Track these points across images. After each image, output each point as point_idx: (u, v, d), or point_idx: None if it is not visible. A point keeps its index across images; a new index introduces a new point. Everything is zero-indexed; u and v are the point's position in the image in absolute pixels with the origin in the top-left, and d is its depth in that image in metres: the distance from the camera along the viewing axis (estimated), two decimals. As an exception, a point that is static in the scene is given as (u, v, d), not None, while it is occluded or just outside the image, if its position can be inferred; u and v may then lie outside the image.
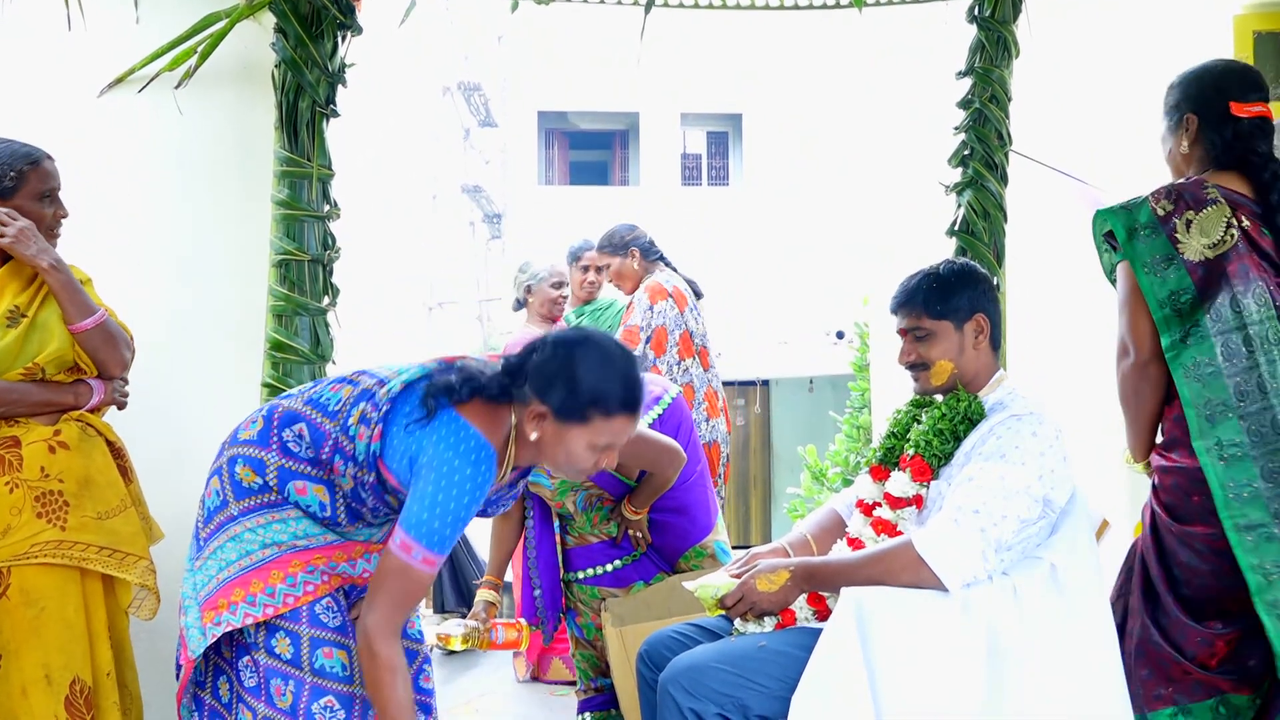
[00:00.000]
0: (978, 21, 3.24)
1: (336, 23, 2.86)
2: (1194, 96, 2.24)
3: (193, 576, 1.98)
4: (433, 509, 1.80)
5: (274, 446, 1.97)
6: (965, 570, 1.93)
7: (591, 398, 1.85)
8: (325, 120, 2.88)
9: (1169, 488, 2.18)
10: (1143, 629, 2.20)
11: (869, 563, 2.00)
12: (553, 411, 1.87)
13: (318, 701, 1.90)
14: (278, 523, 1.96)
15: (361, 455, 1.91)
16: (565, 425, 1.87)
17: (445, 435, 1.84)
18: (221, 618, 1.91)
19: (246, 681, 1.94)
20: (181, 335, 2.96)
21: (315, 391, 2.01)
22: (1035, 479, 1.97)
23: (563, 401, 1.86)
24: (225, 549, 1.95)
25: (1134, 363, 2.18)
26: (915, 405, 2.26)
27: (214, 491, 2.01)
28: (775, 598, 2.03)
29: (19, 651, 2.23)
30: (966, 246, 3.23)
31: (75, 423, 2.38)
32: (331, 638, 1.94)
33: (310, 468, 1.96)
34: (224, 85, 3.07)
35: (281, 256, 2.83)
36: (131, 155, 3.07)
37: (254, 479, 1.97)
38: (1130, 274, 2.17)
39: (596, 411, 1.86)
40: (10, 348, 2.28)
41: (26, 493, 2.27)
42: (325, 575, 1.98)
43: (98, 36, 2.95)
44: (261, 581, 1.92)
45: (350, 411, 1.93)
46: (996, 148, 3.22)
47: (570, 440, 1.88)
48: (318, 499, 1.97)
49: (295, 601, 1.93)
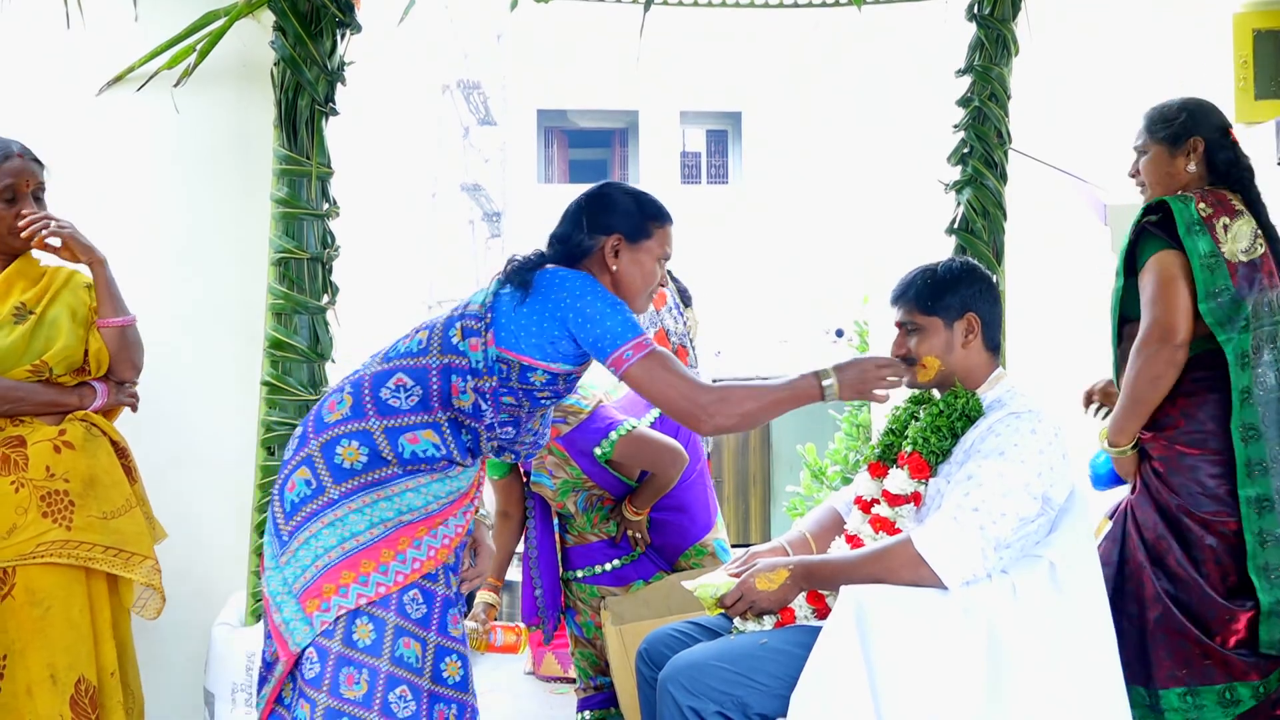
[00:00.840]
0: (977, 20, 3.24)
1: (335, 21, 2.86)
2: (1201, 123, 2.49)
3: (281, 572, 1.97)
4: (614, 316, 1.96)
5: (371, 412, 2.00)
6: (965, 568, 1.94)
7: (648, 213, 2.12)
8: (324, 118, 2.88)
9: (1184, 468, 2.36)
10: (1165, 612, 2.34)
11: (868, 561, 2.00)
12: (625, 237, 2.09)
13: (394, 690, 1.92)
14: (384, 500, 1.98)
15: (480, 362, 1.99)
16: (637, 245, 2.10)
17: (559, 281, 2.00)
18: (331, 602, 1.92)
19: (307, 673, 1.93)
20: (181, 333, 2.96)
21: (387, 351, 2.08)
22: (1034, 476, 1.98)
23: (631, 225, 2.10)
24: (321, 536, 1.95)
25: (1171, 345, 2.32)
26: (914, 402, 2.26)
27: (301, 482, 1.99)
28: (774, 596, 2.03)
29: (24, 651, 2.23)
30: (966, 245, 3.23)
31: (80, 422, 2.38)
32: (412, 629, 1.96)
33: (414, 415, 2.00)
34: (223, 83, 3.07)
35: (281, 255, 2.83)
36: (130, 153, 3.07)
37: (358, 456, 1.98)
38: (1177, 262, 2.35)
39: (655, 224, 2.12)
40: (16, 344, 2.28)
41: (32, 492, 2.27)
42: (431, 549, 2.00)
43: (97, 35, 2.94)
44: (373, 561, 1.94)
45: (448, 335, 2.03)
46: (996, 146, 3.22)
47: (643, 257, 2.11)
48: (429, 442, 2.01)
49: (405, 579, 1.96)
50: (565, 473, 2.78)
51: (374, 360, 2.08)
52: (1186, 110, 2.51)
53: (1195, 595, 2.35)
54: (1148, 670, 2.36)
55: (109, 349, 2.40)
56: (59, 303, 2.36)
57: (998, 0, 3.19)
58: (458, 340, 2.01)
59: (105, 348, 2.40)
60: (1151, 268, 2.38)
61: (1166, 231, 2.38)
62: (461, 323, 2.02)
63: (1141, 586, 2.39)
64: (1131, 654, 2.35)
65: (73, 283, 2.42)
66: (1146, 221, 2.40)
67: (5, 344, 2.27)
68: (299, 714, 1.93)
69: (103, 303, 2.39)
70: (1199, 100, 2.55)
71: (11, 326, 2.29)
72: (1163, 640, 2.35)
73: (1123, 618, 2.37)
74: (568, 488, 2.81)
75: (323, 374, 2.87)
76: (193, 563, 2.84)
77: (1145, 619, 2.37)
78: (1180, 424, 2.39)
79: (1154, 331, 2.33)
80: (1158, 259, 2.37)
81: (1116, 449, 2.45)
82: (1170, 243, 2.37)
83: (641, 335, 1.97)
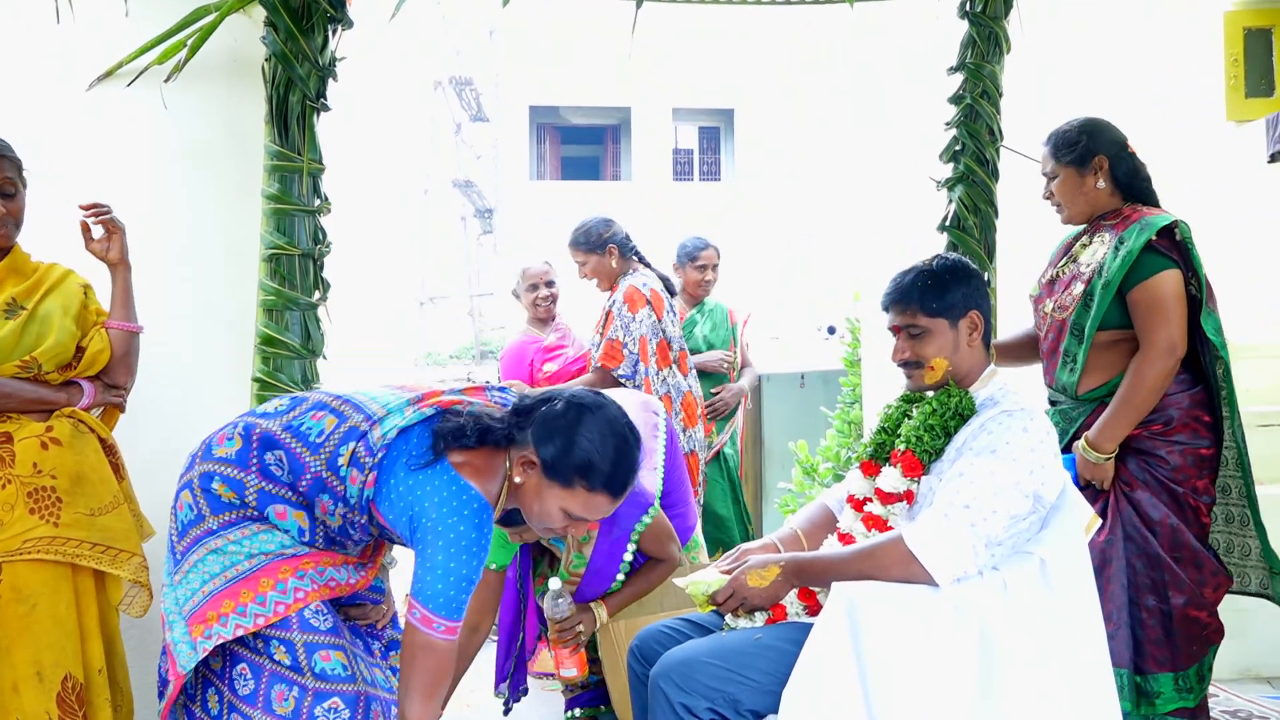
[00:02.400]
0: (969, 17, 3.25)
1: (327, 16, 2.85)
2: (1101, 141, 2.62)
3: (174, 591, 1.94)
4: (446, 578, 1.80)
5: (253, 469, 1.94)
6: (956, 565, 1.94)
7: (581, 465, 1.87)
8: (316, 114, 2.87)
9: (1201, 460, 2.51)
10: (1190, 595, 2.47)
11: (859, 558, 2.00)
12: (541, 464, 1.89)
13: (321, 705, 1.89)
14: (264, 533, 1.94)
15: (354, 499, 1.90)
16: (549, 482, 1.90)
17: (446, 497, 1.83)
18: (212, 630, 1.88)
19: (241, 690, 1.91)
20: (172, 329, 2.95)
21: (294, 418, 1.97)
22: (1026, 474, 1.98)
23: (554, 458, 1.88)
24: (207, 562, 1.92)
25: (1176, 359, 2.46)
26: (906, 400, 2.26)
27: (186, 505, 1.96)
28: (766, 593, 2.04)
29: (11, 648, 2.23)
30: (957, 241, 3.24)
31: (68, 419, 2.37)
32: (326, 640, 1.93)
33: (290, 493, 1.95)
34: (214, 79, 3.06)
35: (272, 251, 2.82)
36: (121, 149, 3.06)
37: (232, 497, 1.94)
38: (1180, 282, 2.48)
39: (581, 480, 1.88)
40: (7, 339, 2.28)
41: (19, 488, 2.26)
42: (314, 583, 1.95)
43: (87, 30, 2.93)
44: (251, 591, 1.89)
45: (339, 451, 1.90)
46: (988, 143, 3.23)
47: (548, 498, 1.91)
48: (297, 524, 1.96)
49: (286, 610, 1.90)
50: (575, 543, 2.65)
51: (280, 415, 1.98)
52: (1085, 131, 2.64)
53: (1206, 566, 2.48)
54: (1174, 655, 2.48)
55: (113, 351, 2.42)
56: (52, 299, 2.35)
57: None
58: (343, 464, 1.90)
59: (108, 349, 2.41)
60: (1160, 285, 2.47)
61: (1174, 251, 2.49)
62: (352, 447, 1.90)
63: (1161, 575, 2.48)
64: (1156, 643, 2.47)
65: (67, 281, 2.43)
66: (1155, 242, 2.49)
67: None
68: None
69: (118, 306, 2.45)
70: (1094, 119, 2.67)
71: (3, 321, 2.29)
72: (1185, 620, 2.48)
73: (1142, 611, 2.49)
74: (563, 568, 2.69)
75: (314, 370, 2.86)
76: (183, 560, 2.82)
77: (1169, 606, 2.47)
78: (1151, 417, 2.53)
79: (1165, 345, 2.45)
80: (1167, 279, 2.47)
81: (1101, 454, 2.48)
82: (1176, 262, 2.49)
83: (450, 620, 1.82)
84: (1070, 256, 2.66)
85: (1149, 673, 2.48)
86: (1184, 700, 2.48)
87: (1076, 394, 2.59)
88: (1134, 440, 2.52)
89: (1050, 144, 2.70)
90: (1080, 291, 2.56)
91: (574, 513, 1.91)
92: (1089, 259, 2.58)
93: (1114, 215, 2.61)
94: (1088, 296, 2.54)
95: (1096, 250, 2.57)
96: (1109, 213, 2.63)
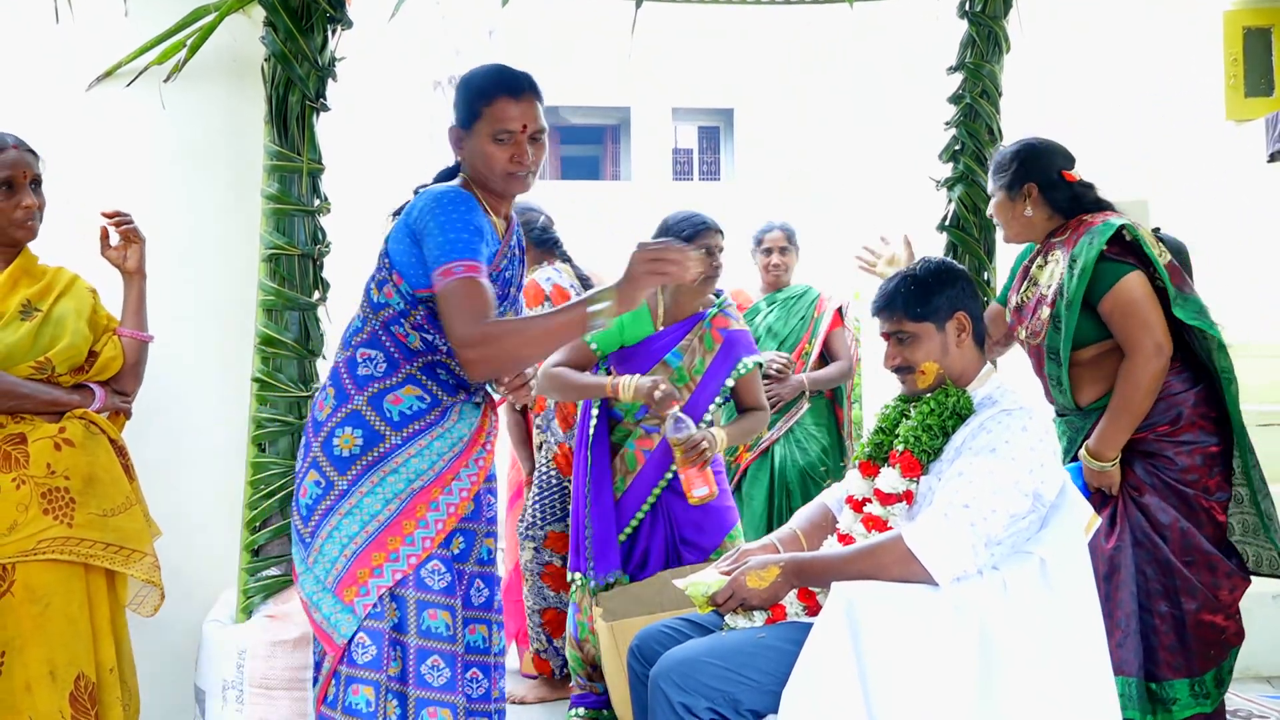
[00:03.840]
0: (969, 17, 3.25)
1: (327, 16, 2.85)
2: (1033, 169, 2.60)
3: (311, 572, 2.02)
4: (444, 234, 1.93)
5: (353, 390, 2.05)
6: (955, 564, 1.94)
7: (471, 93, 2.04)
8: (315, 114, 2.87)
9: (1211, 459, 2.47)
10: (1204, 598, 2.44)
11: (859, 557, 2.00)
12: (458, 126, 2.06)
13: (425, 662, 1.97)
14: (390, 475, 2.02)
15: (401, 303, 2.03)
16: (469, 132, 2.05)
17: (418, 202, 2.01)
18: (369, 585, 1.97)
19: (359, 659, 1.97)
20: (172, 329, 2.94)
21: (345, 336, 2.14)
22: (1025, 473, 1.98)
23: (461, 113, 2.06)
24: (342, 527, 2.00)
25: (1164, 358, 2.42)
26: (904, 400, 2.25)
27: (311, 485, 2.05)
28: (765, 594, 2.04)
29: (24, 648, 2.24)
30: (957, 241, 3.24)
31: (79, 420, 2.39)
32: (437, 599, 2.01)
33: (388, 378, 2.05)
34: (213, 79, 3.06)
35: (271, 251, 2.82)
36: (121, 149, 3.06)
37: (355, 440, 2.02)
38: (1145, 282, 2.45)
39: (481, 103, 2.03)
40: (23, 340, 2.30)
41: (33, 489, 2.28)
42: (449, 506, 2.03)
43: (87, 30, 2.93)
44: (398, 536, 1.99)
45: (369, 297, 2.09)
46: (987, 143, 3.23)
47: (476, 142, 2.04)
48: (412, 397, 2.06)
49: (431, 544, 2.00)
50: (693, 361, 2.90)
51: (340, 351, 2.14)
52: (1018, 158, 2.63)
53: (1220, 568, 2.44)
54: (1189, 661, 2.44)
55: (125, 359, 2.47)
56: (65, 301, 2.39)
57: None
58: (377, 296, 2.07)
59: (121, 357, 2.46)
60: (1126, 291, 2.45)
61: (1129, 254, 2.47)
62: (376, 277, 2.08)
63: (1172, 580, 2.45)
64: (1169, 649, 2.44)
65: (76, 285, 2.46)
66: (1108, 251, 2.46)
67: (12, 339, 2.29)
68: (353, 701, 1.96)
69: (131, 314, 2.50)
70: (1034, 145, 2.64)
71: (19, 323, 2.31)
72: (1199, 625, 2.44)
73: (1154, 617, 2.45)
74: (677, 378, 2.89)
75: (313, 370, 2.86)
76: (184, 560, 2.83)
77: (1182, 611, 2.44)
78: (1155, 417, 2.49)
79: (1149, 348, 2.41)
80: (1131, 282, 2.45)
81: (1104, 462, 2.47)
82: (1134, 265, 2.46)
83: (458, 260, 1.91)
84: (1030, 280, 2.64)
85: (1164, 679, 2.45)
86: (1200, 706, 2.44)
87: (1079, 407, 2.57)
88: (1140, 443, 2.49)
89: (990, 165, 2.73)
90: (1047, 315, 2.53)
91: (497, 133, 2.01)
92: (1048, 280, 2.56)
93: (1062, 231, 2.58)
94: (1055, 319, 2.52)
95: (1054, 271, 2.55)
96: (1057, 229, 2.61)
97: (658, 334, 2.94)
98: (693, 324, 2.95)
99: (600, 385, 2.85)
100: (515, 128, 2.02)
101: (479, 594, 2.17)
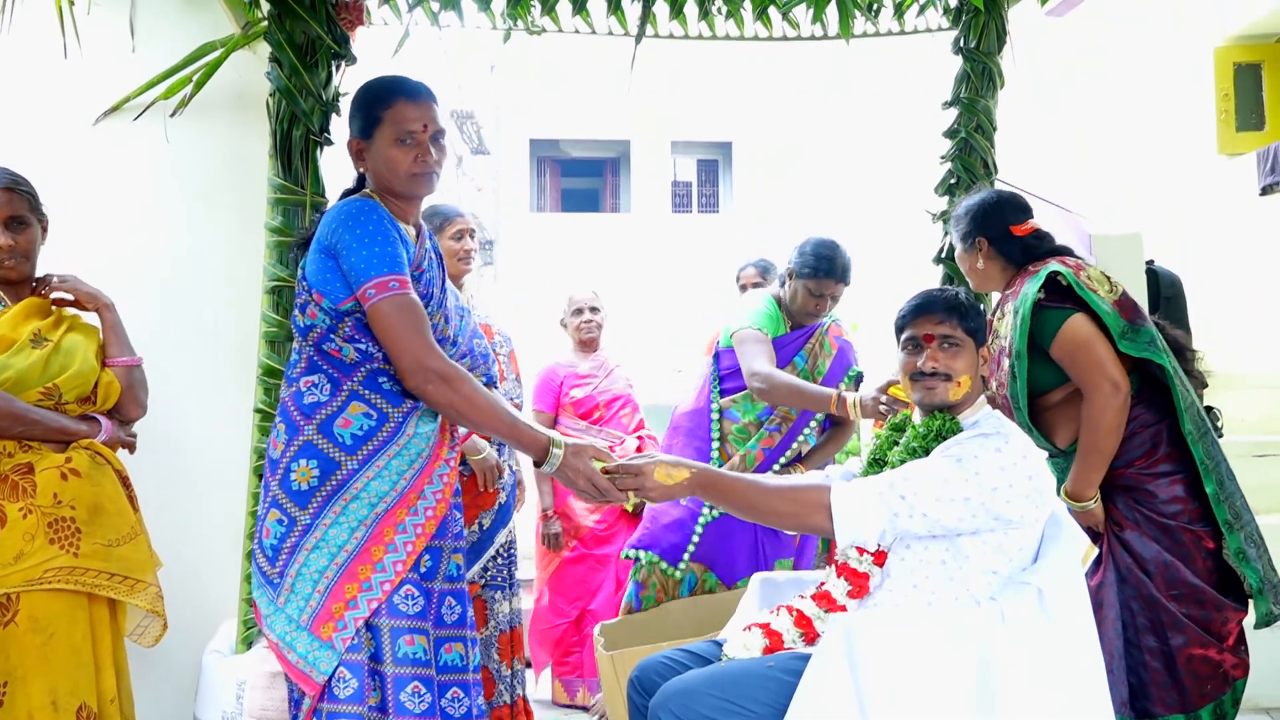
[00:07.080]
0: (963, 53, 3.30)
1: (331, 53, 2.90)
2: (984, 224, 2.61)
3: (283, 612, 1.96)
4: (363, 247, 1.95)
5: (301, 421, 2.01)
6: (858, 536, 1.98)
7: (371, 102, 2.07)
8: (319, 148, 2.91)
9: (1186, 491, 2.44)
10: (1189, 633, 2.41)
11: (780, 494, 2.03)
12: (358, 138, 2.09)
13: (404, 689, 1.93)
14: (352, 501, 1.98)
15: (323, 320, 2.01)
16: (369, 141, 2.08)
17: (327, 218, 2.03)
18: (345, 618, 1.93)
19: (341, 694, 1.92)
20: (175, 360, 2.97)
21: (286, 374, 2.13)
22: (987, 490, 1.97)
23: (360, 124, 2.09)
24: (310, 562, 1.96)
25: (1123, 395, 2.40)
26: (894, 429, 2.26)
27: (274, 524, 2.00)
28: (666, 490, 2.04)
29: (26, 678, 2.23)
30: (953, 274, 3.26)
31: (85, 451, 2.40)
32: (412, 624, 1.98)
33: (333, 402, 2.02)
34: (219, 113, 3.10)
35: (274, 283, 2.84)
36: (127, 182, 3.09)
37: (311, 473, 1.98)
38: (1089, 322, 2.44)
39: (381, 108, 2.06)
40: (35, 366, 2.33)
41: (40, 518, 2.28)
42: (416, 526, 2.01)
43: (94, 65, 2.97)
44: (368, 565, 1.96)
45: (297, 324, 2.07)
46: (982, 176, 3.26)
47: (379, 148, 2.06)
48: (359, 415, 2.02)
49: (403, 567, 1.97)
50: (815, 363, 3.15)
51: (284, 388, 2.12)
52: (971, 214, 2.65)
53: (1209, 601, 2.42)
54: (1182, 696, 2.41)
55: (120, 385, 2.48)
56: (74, 333, 2.43)
57: (983, 34, 3.25)
58: (302, 320, 2.05)
59: (117, 383, 2.48)
60: (1070, 335, 2.44)
61: (1063, 299, 2.47)
62: (297, 303, 2.08)
63: (1158, 615, 2.42)
64: (1161, 685, 2.41)
65: (82, 321, 2.51)
66: (1041, 301, 2.47)
67: (24, 365, 2.32)
68: None
69: (110, 344, 2.49)
70: (985, 200, 2.66)
71: (30, 350, 2.34)
72: (1190, 660, 2.41)
73: (1143, 653, 2.43)
74: (803, 376, 3.12)
75: (315, 401, 2.87)
76: (184, 590, 2.83)
77: (1170, 646, 2.41)
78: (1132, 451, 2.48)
79: (1106, 388, 2.40)
80: (1074, 324, 2.44)
81: (1084, 502, 2.48)
82: (1071, 308, 2.46)
83: (386, 274, 1.94)
84: (994, 333, 2.64)
85: (1157, 715, 2.42)
86: None
87: (1061, 450, 2.57)
88: (1120, 478, 2.48)
89: (951, 217, 2.76)
90: (1008, 366, 2.53)
91: (399, 136, 2.04)
92: (1005, 332, 2.56)
93: (1012, 283, 2.60)
94: (1012, 370, 2.52)
95: (1009, 323, 2.56)
96: (1009, 281, 2.62)
97: (787, 335, 3.19)
98: (813, 331, 3.21)
99: (826, 398, 2.95)
100: (417, 128, 2.06)
101: (450, 612, 2.13)
